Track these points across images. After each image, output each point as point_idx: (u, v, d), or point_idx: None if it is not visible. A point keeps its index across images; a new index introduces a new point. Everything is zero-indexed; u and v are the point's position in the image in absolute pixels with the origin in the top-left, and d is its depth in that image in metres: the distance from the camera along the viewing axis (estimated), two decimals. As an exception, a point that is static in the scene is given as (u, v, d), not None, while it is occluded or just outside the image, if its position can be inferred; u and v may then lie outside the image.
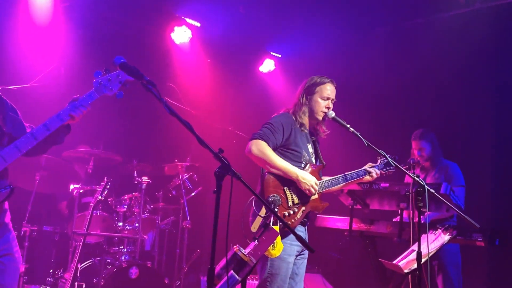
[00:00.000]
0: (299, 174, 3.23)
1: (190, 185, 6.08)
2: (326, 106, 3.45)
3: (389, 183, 4.28)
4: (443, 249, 4.22)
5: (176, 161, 6.09)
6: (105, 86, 2.61)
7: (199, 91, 6.86)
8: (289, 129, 3.34)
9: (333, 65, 6.91)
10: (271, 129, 3.30)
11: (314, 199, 3.33)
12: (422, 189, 3.10)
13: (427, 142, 4.87)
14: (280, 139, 3.31)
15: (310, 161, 3.41)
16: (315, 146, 3.55)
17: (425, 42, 6.19)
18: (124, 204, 5.54)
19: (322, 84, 3.46)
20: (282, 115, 3.44)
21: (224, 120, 6.68)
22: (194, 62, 6.84)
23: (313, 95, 3.43)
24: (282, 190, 3.26)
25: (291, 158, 3.33)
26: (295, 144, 3.34)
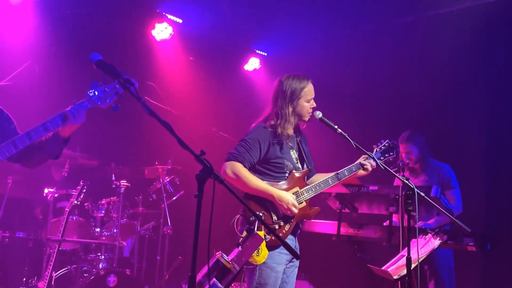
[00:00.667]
0: (275, 195, 3.20)
1: (171, 189, 6.05)
2: (312, 107, 3.44)
3: (378, 186, 4.29)
4: (436, 253, 4.25)
5: (157, 164, 6.06)
6: (99, 97, 2.55)
7: (181, 90, 6.83)
8: (267, 143, 3.30)
9: (320, 63, 6.94)
10: (246, 147, 3.27)
11: (302, 208, 3.30)
12: (411, 192, 3.11)
13: (414, 144, 4.91)
14: (257, 156, 3.28)
15: (294, 168, 3.38)
16: (300, 149, 3.52)
17: (414, 41, 6.24)
18: (101, 209, 5.50)
19: (306, 87, 3.42)
20: (258, 129, 3.36)
21: (207, 120, 6.65)
22: (175, 60, 6.81)
23: (298, 100, 3.39)
24: (265, 208, 3.23)
25: (273, 171, 3.31)
26: (276, 156, 3.31)
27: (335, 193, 4.46)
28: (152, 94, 5.83)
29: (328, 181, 3.41)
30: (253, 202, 3.22)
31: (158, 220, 6.02)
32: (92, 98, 2.55)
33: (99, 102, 2.55)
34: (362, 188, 4.34)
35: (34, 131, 2.53)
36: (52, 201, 5.18)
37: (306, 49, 7.01)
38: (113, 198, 5.58)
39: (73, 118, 2.54)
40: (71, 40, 5.87)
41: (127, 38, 6.38)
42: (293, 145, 3.46)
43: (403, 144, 4.94)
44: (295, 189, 3.32)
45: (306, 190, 3.34)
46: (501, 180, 5.58)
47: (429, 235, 3.82)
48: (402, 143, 4.95)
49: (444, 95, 6.08)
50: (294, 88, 3.38)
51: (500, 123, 5.67)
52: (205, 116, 6.89)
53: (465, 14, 5.86)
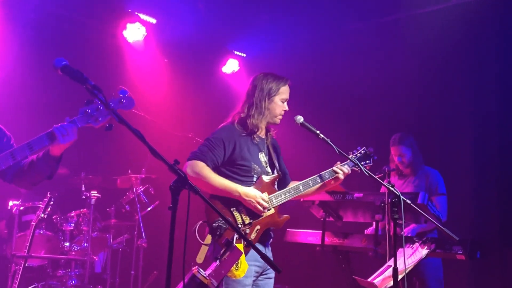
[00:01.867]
0: (241, 191, 3.19)
1: (145, 199, 6.03)
2: (284, 109, 3.47)
3: (363, 193, 4.33)
4: (424, 263, 4.29)
5: (130, 173, 6.03)
6: (91, 115, 2.49)
7: (155, 94, 6.80)
8: (232, 143, 3.30)
9: (303, 64, 6.98)
10: (210, 146, 3.28)
11: (270, 215, 3.29)
12: (397, 200, 3.15)
13: (407, 147, 4.94)
14: (221, 155, 3.28)
15: (263, 173, 3.36)
16: (270, 153, 3.51)
17: (401, 40, 6.32)
18: (71, 222, 5.46)
19: (284, 85, 3.46)
20: (224, 129, 3.38)
21: (183, 126, 6.63)
22: (149, 62, 6.79)
23: (274, 96, 3.41)
24: (229, 212, 3.20)
25: (240, 174, 3.30)
26: (242, 158, 3.30)
27: (318, 201, 4.47)
28: (124, 99, 5.79)
29: (299, 188, 3.40)
30: (217, 205, 3.19)
31: (131, 233, 5.99)
32: (84, 116, 2.49)
33: (91, 120, 2.50)
34: (347, 195, 4.37)
35: (18, 151, 2.47)
36: (18, 214, 5.12)
37: (289, 50, 7.03)
38: (83, 210, 5.54)
39: (61, 137, 2.48)
40: (36, 42, 5.80)
41: (96, 39, 6.34)
42: (262, 148, 3.45)
43: (395, 146, 4.97)
44: (263, 194, 3.29)
45: (275, 196, 3.33)
46: (490, 186, 5.67)
47: (416, 244, 3.86)
48: (394, 145, 4.98)
49: (431, 96, 6.17)
50: (272, 84, 3.43)
51: (489, 126, 5.75)
52: (181, 122, 6.87)
53: (452, 12, 5.95)
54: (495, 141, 5.68)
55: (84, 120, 2.50)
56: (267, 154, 3.49)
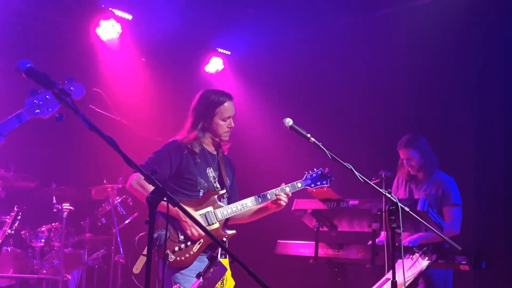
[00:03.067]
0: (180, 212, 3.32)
1: (123, 211, 5.99)
2: (229, 126, 3.66)
3: (359, 200, 4.34)
4: (429, 273, 4.30)
5: (105, 183, 5.99)
6: (39, 105, 2.45)
7: (132, 97, 6.77)
8: (179, 157, 3.54)
9: (292, 62, 6.99)
10: (156, 159, 3.52)
11: (214, 229, 3.49)
12: (395, 207, 3.15)
13: (415, 149, 4.90)
14: (167, 169, 3.51)
15: (210, 188, 3.59)
16: (220, 169, 3.72)
17: (395, 35, 6.34)
18: (41, 238, 5.42)
19: (221, 105, 3.63)
20: (170, 144, 3.63)
21: (163, 131, 6.58)
22: (125, 62, 6.76)
23: (213, 118, 3.63)
24: (171, 224, 3.43)
25: (186, 188, 3.54)
26: (188, 172, 3.54)
27: (311, 209, 4.48)
28: (98, 101, 5.76)
29: (247, 204, 3.62)
30: (160, 218, 3.34)
31: (108, 248, 5.94)
32: (32, 107, 2.45)
33: (41, 112, 2.46)
34: (342, 203, 4.37)
35: None
36: (-18, 231, 5.04)
37: (277, 47, 7.04)
38: (54, 224, 5.49)
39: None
40: (1, 41, 5.75)
41: (67, 38, 6.30)
42: (211, 163, 3.67)
43: (402, 149, 4.95)
44: (208, 208, 3.52)
45: (221, 211, 3.55)
46: (495, 192, 5.69)
47: (416, 254, 3.87)
48: (401, 148, 4.97)
49: (431, 96, 6.19)
50: (209, 104, 3.63)
51: (494, 128, 5.77)
52: (161, 126, 6.83)
53: (449, 3, 5.98)
54: (500, 144, 5.71)
55: (32, 111, 2.44)
56: (217, 170, 3.71)
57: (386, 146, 5.99)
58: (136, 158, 2.86)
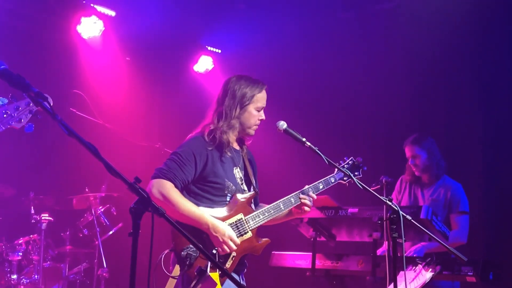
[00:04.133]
0: (210, 225, 3.19)
1: (106, 222, 5.99)
2: (260, 118, 3.49)
3: (358, 208, 4.35)
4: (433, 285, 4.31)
5: (87, 191, 5.98)
6: (11, 116, 2.46)
7: (116, 99, 6.77)
8: (204, 157, 3.31)
9: (288, 61, 7.00)
10: (179, 161, 3.27)
11: (247, 239, 3.30)
12: (396, 216, 3.17)
13: (421, 148, 4.94)
14: (191, 173, 3.28)
15: (238, 191, 3.39)
16: (246, 168, 3.54)
17: (397, 31, 6.36)
18: (18, 251, 5.36)
19: (260, 92, 3.46)
20: (193, 141, 3.38)
21: (149, 135, 6.60)
22: (108, 62, 6.76)
23: (247, 106, 3.43)
24: (200, 239, 3.19)
25: (211, 193, 3.33)
26: (215, 175, 3.32)
27: (307, 218, 4.49)
28: (79, 104, 5.75)
29: (280, 206, 3.43)
30: (187, 230, 3.15)
31: (91, 261, 5.92)
32: (5, 119, 2.46)
33: (13, 122, 2.47)
34: (340, 211, 4.39)
35: None
36: (-46, 244, 5.03)
37: (271, 45, 7.05)
38: (32, 236, 5.46)
39: None
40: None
41: (45, 36, 6.29)
42: (237, 162, 3.49)
43: (409, 146, 4.99)
44: (238, 216, 3.32)
45: (252, 218, 3.35)
46: (502, 200, 5.71)
47: (419, 266, 3.89)
48: (407, 145, 5.01)
49: (436, 96, 6.21)
50: (245, 91, 3.43)
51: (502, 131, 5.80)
52: (147, 130, 6.84)
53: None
54: (509, 148, 5.73)
55: (5, 122, 2.46)
56: (243, 169, 3.51)
57: (387, 150, 6.02)
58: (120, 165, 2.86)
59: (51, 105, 2.17)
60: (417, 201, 4.96)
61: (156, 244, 2.25)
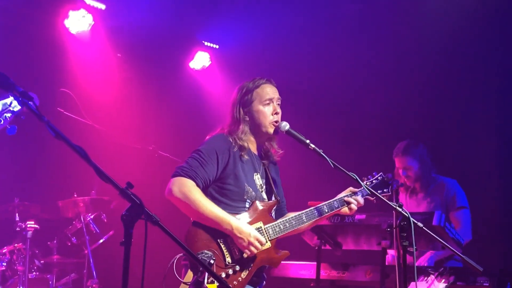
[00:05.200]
0: (233, 225, 3.21)
1: (96, 229, 5.98)
2: (274, 112, 3.48)
3: (366, 214, 4.35)
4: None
5: (76, 196, 5.97)
6: None
7: (107, 98, 6.76)
8: (226, 156, 3.35)
9: (290, 57, 6.98)
10: (200, 159, 3.31)
11: (265, 250, 3.30)
12: (406, 223, 3.16)
13: (413, 158, 5.02)
14: (213, 172, 3.32)
15: (258, 198, 3.42)
16: (267, 175, 3.57)
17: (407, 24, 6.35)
18: (2, 261, 5.38)
19: (258, 88, 3.51)
20: (216, 138, 3.45)
21: (143, 136, 6.60)
22: (98, 58, 6.75)
23: (251, 104, 3.48)
24: (216, 243, 3.24)
25: (229, 197, 3.35)
26: (235, 177, 3.36)
27: (311, 225, 4.48)
28: (67, 104, 5.74)
29: (302, 218, 3.45)
30: (202, 234, 3.22)
31: (80, 272, 5.93)
32: None
33: None
34: (346, 218, 4.38)
35: None
36: None
37: (271, 40, 7.04)
38: (17, 245, 5.45)
39: None
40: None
41: (31, 31, 6.28)
42: (258, 168, 3.52)
43: (399, 157, 5.05)
44: (257, 224, 3.33)
45: (272, 227, 3.37)
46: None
47: (431, 276, 3.88)
48: (397, 156, 5.06)
49: (448, 94, 6.21)
50: (245, 90, 3.51)
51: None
52: (140, 131, 6.83)
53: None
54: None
55: None
56: (264, 177, 3.54)
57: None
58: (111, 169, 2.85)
59: (37, 106, 2.17)
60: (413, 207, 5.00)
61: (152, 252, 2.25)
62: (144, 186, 5.88)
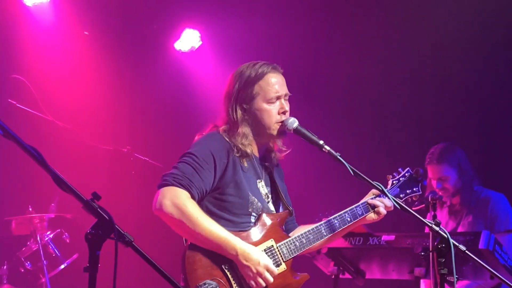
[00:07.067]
0: (239, 251, 3.21)
1: (57, 252, 5.98)
2: (281, 110, 3.47)
3: (395, 235, 4.36)
4: None
5: (31, 211, 5.97)
6: None
7: (71, 88, 6.77)
8: (225, 160, 3.34)
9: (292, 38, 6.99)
10: (195, 164, 3.28)
11: (281, 274, 3.32)
12: (445, 245, 3.16)
13: (451, 166, 5.02)
14: (210, 180, 3.31)
15: (264, 210, 3.42)
16: (272, 182, 3.58)
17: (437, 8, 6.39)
18: None
19: (261, 79, 3.46)
20: (211, 137, 3.43)
21: (116, 135, 6.61)
22: (60, 37, 6.76)
23: (252, 101, 3.45)
24: (220, 270, 3.23)
25: (232, 211, 3.35)
26: (236, 186, 3.35)
27: (326, 248, 4.50)
28: (20, 94, 5.76)
29: (320, 230, 3.46)
30: (203, 259, 3.22)
31: (35, 305, 5.93)
32: None
33: None
34: (371, 238, 4.40)
35: None
36: None
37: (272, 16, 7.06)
38: (-42, 271, 5.46)
39: None
40: None
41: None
42: (261, 174, 3.53)
43: (433, 165, 5.06)
44: (268, 242, 3.34)
45: (287, 245, 3.38)
46: None
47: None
48: (431, 163, 5.07)
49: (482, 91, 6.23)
50: (245, 81, 3.46)
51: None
52: (113, 129, 6.84)
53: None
54: None
55: None
56: (268, 184, 3.55)
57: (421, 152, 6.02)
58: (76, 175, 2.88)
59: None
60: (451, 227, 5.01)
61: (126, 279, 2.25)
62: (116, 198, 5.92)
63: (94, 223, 2.15)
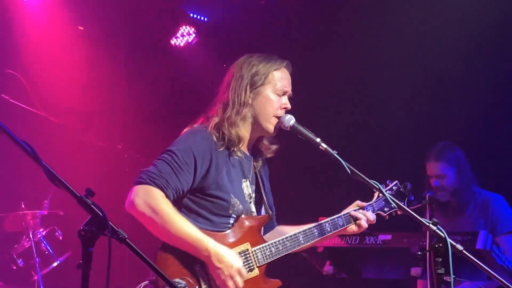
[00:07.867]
0: (212, 252, 3.19)
1: (50, 250, 5.97)
2: (283, 106, 3.48)
3: (392, 235, 4.36)
4: None
5: (24, 208, 5.97)
6: None
7: (65, 84, 6.76)
8: (207, 160, 3.32)
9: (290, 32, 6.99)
10: (173, 164, 3.27)
11: (253, 279, 3.32)
12: (442, 245, 3.16)
13: (449, 164, 5.03)
14: (189, 181, 3.29)
15: (245, 211, 3.41)
16: (257, 182, 3.57)
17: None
18: None
19: (277, 70, 3.49)
20: (194, 134, 3.40)
21: (110, 132, 6.61)
22: (54, 32, 6.75)
23: (260, 87, 3.45)
24: (191, 270, 3.23)
25: (211, 211, 3.34)
26: (218, 187, 3.34)
27: (322, 248, 4.50)
28: (14, 89, 5.76)
29: (298, 238, 3.45)
30: (172, 260, 3.21)
31: (28, 303, 5.93)
32: None
33: None
34: (367, 238, 4.40)
35: None
36: None
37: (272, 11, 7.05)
38: (-51, 269, 5.47)
39: None
40: None
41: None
42: (247, 173, 3.51)
43: (431, 162, 5.08)
44: (243, 245, 3.34)
45: (262, 250, 3.37)
46: None
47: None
48: (430, 161, 5.09)
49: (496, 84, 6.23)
50: (257, 68, 3.46)
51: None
52: (107, 126, 6.84)
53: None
54: None
55: None
56: (253, 183, 3.54)
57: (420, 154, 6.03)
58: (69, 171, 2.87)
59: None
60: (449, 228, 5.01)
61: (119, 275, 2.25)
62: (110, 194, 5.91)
63: (87, 219, 2.14)
